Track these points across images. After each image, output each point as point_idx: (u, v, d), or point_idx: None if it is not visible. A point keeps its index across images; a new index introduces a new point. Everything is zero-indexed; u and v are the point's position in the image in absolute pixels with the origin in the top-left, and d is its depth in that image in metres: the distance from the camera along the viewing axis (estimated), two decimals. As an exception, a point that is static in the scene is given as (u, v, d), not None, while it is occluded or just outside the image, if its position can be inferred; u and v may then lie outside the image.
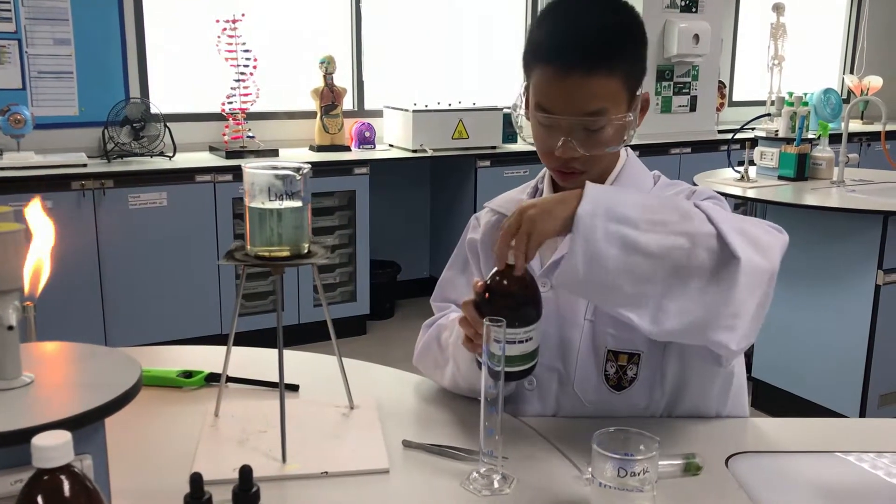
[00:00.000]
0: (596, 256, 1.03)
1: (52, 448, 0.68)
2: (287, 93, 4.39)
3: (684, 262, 1.04)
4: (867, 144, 5.40)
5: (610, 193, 1.08)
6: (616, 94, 1.18)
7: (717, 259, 1.05)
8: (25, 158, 3.49)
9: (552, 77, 1.18)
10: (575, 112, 1.17)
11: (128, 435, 1.17)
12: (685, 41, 4.90)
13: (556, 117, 1.19)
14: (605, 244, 1.03)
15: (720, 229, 1.05)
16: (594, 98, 1.16)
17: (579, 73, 1.15)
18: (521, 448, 1.16)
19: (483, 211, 1.45)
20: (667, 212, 1.06)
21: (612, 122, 1.19)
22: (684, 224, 1.05)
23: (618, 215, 1.04)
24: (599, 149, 1.20)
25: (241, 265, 1.12)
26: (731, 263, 1.04)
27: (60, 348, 0.97)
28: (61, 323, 3.38)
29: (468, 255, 1.42)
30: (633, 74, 1.21)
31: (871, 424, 1.40)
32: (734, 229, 1.06)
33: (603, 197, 1.05)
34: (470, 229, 1.44)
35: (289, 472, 1.09)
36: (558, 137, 1.20)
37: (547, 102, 1.19)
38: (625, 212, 1.04)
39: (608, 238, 1.03)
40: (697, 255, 1.04)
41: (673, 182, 1.34)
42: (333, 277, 4.20)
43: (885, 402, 2.99)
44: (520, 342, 1.10)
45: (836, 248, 2.98)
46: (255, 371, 1.41)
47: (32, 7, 3.70)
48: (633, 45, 1.21)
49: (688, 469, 1.10)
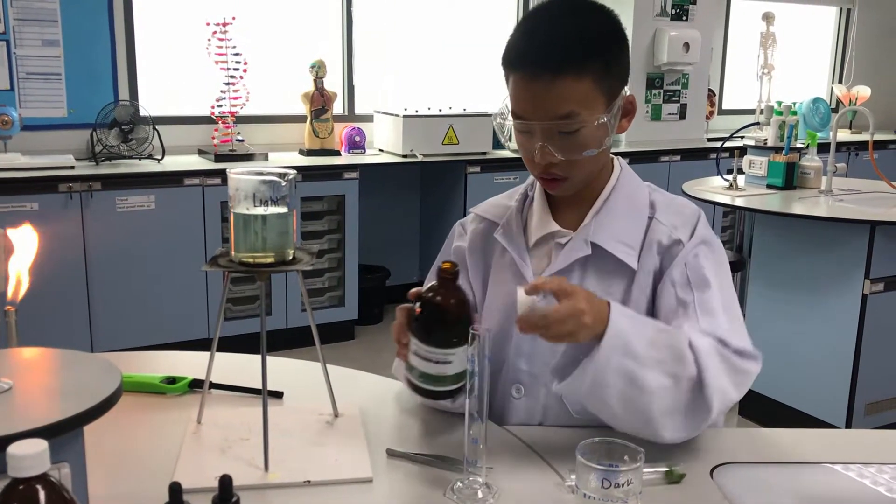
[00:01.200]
0: (602, 383, 1.08)
1: (28, 457, 0.67)
2: (277, 97, 4.37)
3: (668, 402, 1.10)
4: (855, 154, 5.43)
5: (629, 327, 1.10)
6: (587, 96, 1.18)
7: (692, 401, 1.11)
8: (12, 160, 3.47)
9: (521, 82, 1.19)
10: (545, 116, 1.18)
11: (108, 442, 1.16)
12: (675, 49, 4.92)
13: (530, 122, 1.19)
14: (613, 376, 1.08)
15: (703, 377, 1.10)
16: (563, 101, 1.17)
17: (546, 76, 1.16)
18: (505, 457, 1.16)
19: (468, 217, 1.43)
20: (664, 350, 1.11)
21: (586, 125, 1.18)
22: (675, 366, 1.10)
23: (630, 351, 1.08)
24: (577, 153, 1.20)
25: (225, 271, 1.12)
26: (703, 409, 1.12)
27: (40, 354, 0.96)
28: (46, 326, 3.36)
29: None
30: (608, 76, 1.20)
31: (858, 435, 1.41)
32: (716, 369, 1.12)
33: (623, 332, 1.08)
34: (455, 236, 1.43)
35: (271, 480, 1.09)
36: (535, 143, 1.20)
37: (519, 108, 1.20)
38: (636, 349, 1.09)
39: (618, 371, 1.08)
40: (678, 398, 1.11)
41: (669, 201, 1.31)
42: (322, 282, 4.19)
43: (871, 410, 3.00)
44: (436, 362, 1.09)
45: (824, 257, 2.99)
46: (240, 377, 1.40)
47: (21, 7, 3.68)
48: (606, 47, 1.20)
49: (670, 476, 1.10)
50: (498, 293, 1.33)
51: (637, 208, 1.29)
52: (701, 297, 1.21)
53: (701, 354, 1.11)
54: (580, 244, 1.26)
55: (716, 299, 1.21)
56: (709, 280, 1.22)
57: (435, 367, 1.09)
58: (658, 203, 1.30)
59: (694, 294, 1.21)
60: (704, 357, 1.11)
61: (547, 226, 1.30)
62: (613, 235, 1.26)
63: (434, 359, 1.09)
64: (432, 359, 1.09)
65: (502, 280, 1.32)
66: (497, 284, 1.33)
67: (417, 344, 1.10)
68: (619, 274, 1.26)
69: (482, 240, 1.38)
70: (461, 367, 1.10)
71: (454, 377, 1.11)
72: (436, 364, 1.09)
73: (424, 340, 1.09)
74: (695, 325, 1.18)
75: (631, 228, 1.27)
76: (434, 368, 1.09)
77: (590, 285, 1.25)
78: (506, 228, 1.34)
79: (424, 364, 1.10)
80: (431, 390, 1.12)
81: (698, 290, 1.22)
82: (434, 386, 1.11)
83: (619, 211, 1.28)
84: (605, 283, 1.26)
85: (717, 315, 1.20)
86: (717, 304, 1.21)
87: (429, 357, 1.09)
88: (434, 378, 1.10)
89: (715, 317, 1.19)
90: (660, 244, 1.26)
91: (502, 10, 5.06)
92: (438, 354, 1.08)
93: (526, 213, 1.35)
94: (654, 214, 1.28)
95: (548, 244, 1.31)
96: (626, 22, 4.65)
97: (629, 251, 1.25)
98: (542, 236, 1.31)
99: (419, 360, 1.10)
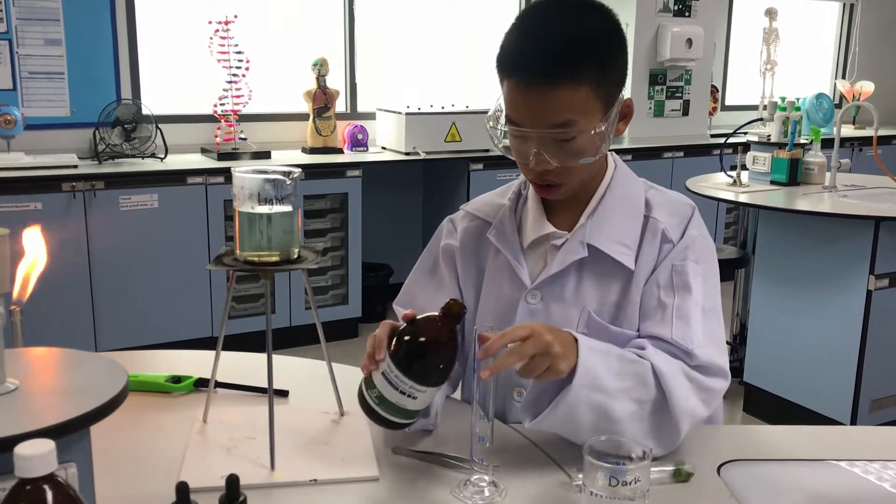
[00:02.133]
0: (574, 419, 1.09)
1: (35, 457, 0.67)
2: (280, 95, 4.37)
3: (636, 427, 1.10)
4: (859, 149, 5.41)
5: (598, 361, 1.09)
6: (585, 104, 1.14)
7: (660, 424, 1.12)
8: (16, 159, 3.47)
9: (516, 89, 1.15)
10: (541, 125, 1.14)
11: (115, 442, 1.16)
12: (678, 45, 4.91)
13: (524, 130, 1.16)
14: (584, 410, 1.08)
15: (670, 401, 1.11)
16: (560, 110, 1.13)
17: (542, 85, 1.12)
18: (512, 456, 1.15)
19: (459, 214, 1.39)
20: (630, 378, 1.11)
21: (582, 133, 1.15)
22: (640, 392, 1.11)
23: (599, 385, 1.08)
24: (573, 161, 1.17)
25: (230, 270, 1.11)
26: (672, 431, 1.13)
27: (46, 354, 0.96)
28: (51, 325, 3.36)
29: (440, 260, 1.38)
30: (606, 82, 1.16)
31: (863, 432, 1.40)
32: (683, 391, 1.12)
33: (592, 368, 1.08)
34: (444, 233, 1.39)
35: (277, 479, 1.08)
36: (530, 150, 1.17)
37: (514, 115, 1.17)
38: (605, 382, 1.09)
39: (589, 405, 1.08)
40: (645, 421, 1.11)
41: (664, 198, 1.29)
42: (325, 280, 4.19)
43: (876, 406, 2.99)
44: (401, 392, 1.06)
45: (828, 253, 2.98)
46: (246, 376, 1.40)
47: (24, 7, 3.68)
48: (605, 52, 1.16)
49: (678, 475, 1.10)
50: (493, 295, 1.31)
51: (633, 207, 1.27)
52: (680, 303, 1.20)
53: (665, 378, 1.11)
54: (576, 246, 1.24)
55: (695, 307, 1.20)
56: (691, 286, 1.21)
57: (398, 396, 1.06)
58: (653, 200, 1.28)
59: (675, 298, 1.20)
60: (669, 380, 1.11)
61: (542, 227, 1.28)
62: (609, 236, 1.24)
63: (402, 389, 1.06)
64: (400, 388, 1.06)
65: (497, 282, 1.30)
66: (492, 286, 1.31)
67: (392, 367, 1.06)
68: (617, 275, 1.24)
69: (474, 239, 1.35)
70: (422, 406, 1.09)
71: (410, 413, 1.08)
72: (400, 394, 1.06)
73: (402, 368, 1.05)
74: (668, 331, 1.18)
75: (627, 228, 1.25)
76: (396, 397, 1.06)
77: (586, 288, 1.24)
78: (499, 229, 1.31)
79: (389, 389, 1.06)
80: (381, 415, 1.08)
81: (679, 295, 1.20)
82: (386, 413, 1.08)
83: (615, 210, 1.26)
84: (603, 285, 1.24)
85: (692, 324, 1.18)
86: (696, 313, 1.19)
87: (398, 385, 1.06)
88: (391, 406, 1.07)
89: (689, 325, 1.18)
90: (656, 243, 1.24)
91: (504, 6, 5.05)
92: (408, 387, 1.05)
93: (520, 212, 1.32)
94: (650, 213, 1.26)
95: (543, 246, 1.28)
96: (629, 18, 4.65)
97: (626, 251, 1.23)
98: (536, 237, 1.28)
99: (385, 383, 1.06)
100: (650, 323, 1.21)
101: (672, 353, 1.16)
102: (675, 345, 1.16)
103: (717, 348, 1.20)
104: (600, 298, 1.24)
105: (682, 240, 1.24)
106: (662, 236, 1.24)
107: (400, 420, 1.09)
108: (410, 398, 1.06)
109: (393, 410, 1.08)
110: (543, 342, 1.04)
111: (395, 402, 1.07)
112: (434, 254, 1.40)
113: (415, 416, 1.10)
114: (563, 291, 1.25)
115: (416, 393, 1.06)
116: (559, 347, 1.05)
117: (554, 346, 1.04)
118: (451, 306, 1.07)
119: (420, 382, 1.06)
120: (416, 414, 1.09)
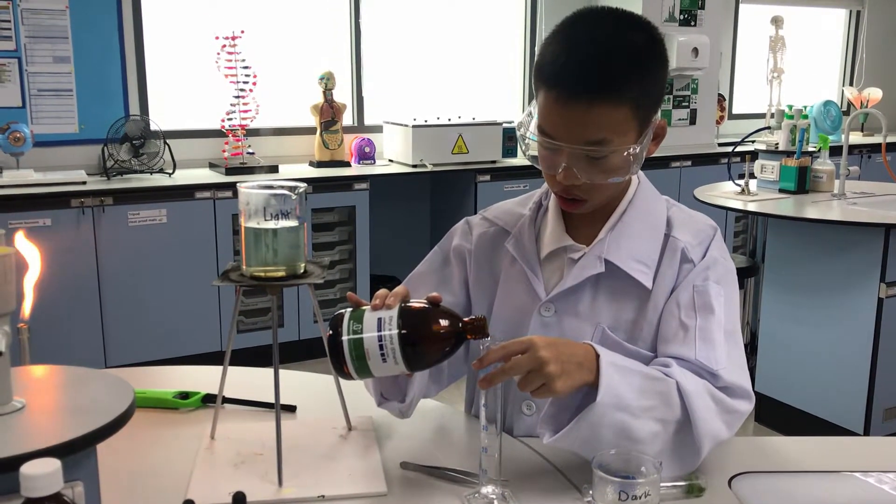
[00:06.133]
0: (595, 438, 1.05)
1: (41, 477, 0.67)
2: (287, 109, 4.39)
3: (658, 447, 1.08)
4: (868, 156, 5.39)
5: (622, 379, 1.06)
6: (622, 123, 1.12)
7: (682, 444, 1.10)
8: (25, 176, 3.49)
9: (554, 103, 1.12)
10: (576, 141, 1.12)
11: (122, 459, 1.15)
12: (684, 55, 4.90)
13: (557, 143, 1.14)
14: (606, 430, 1.05)
15: (693, 422, 1.08)
16: (598, 128, 1.11)
17: (582, 101, 1.10)
18: (521, 469, 1.15)
19: (476, 218, 1.38)
20: (654, 397, 1.08)
21: (615, 152, 1.13)
22: (664, 411, 1.08)
23: (623, 404, 1.05)
24: (602, 178, 1.15)
25: (236, 286, 1.11)
26: (693, 452, 1.10)
27: (52, 372, 0.96)
28: (60, 341, 3.37)
29: (451, 258, 1.36)
30: (646, 102, 1.14)
31: (877, 442, 1.39)
32: (707, 412, 1.09)
33: (615, 387, 1.05)
34: (458, 233, 1.38)
35: (285, 495, 1.08)
36: (560, 163, 1.15)
37: (548, 127, 1.14)
38: (628, 401, 1.06)
39: (611, 426, 1.05)
40: (668, 441, 1.09)
41: (686, 218, 1.27)
42: (334, 293, 4.19)
43: (889, 416, 2.96)
44: (381, 355, 1.00)
45: (838, 261, 2.96)
46: (254, 391, 1.40)
47: (32, 25, 3.71)
48: (648, 70, 1.13)
49: (690, 491, 1.09)
50: (507, 305, 1.29)
51: (654, 225, 1.25)
52: (703, 324, 1.17)
53: (690, 398, 1.08)
54: (593, 261, 1.22)
55: (718, 329, 1.17)
56: (714, 307, 1.18)
57: (375, 348, 1.00)
58: (675, 219, 1.26)
59: (697, 319, 1.18)
60: (694, 400, 1.08)
61: (560, 239, 1.26)
62: (628, 253, 1.22)
63: (384, 351, 0.99)
64: (382, 344, 1.00)
65: (512, 292, 1.29)
66: (506, 296, 1.30)
67: (392, 332, 1.00)
68: (633, 293, 1.22)
69: (490, 246, 1.33)
70: (380, 374, 1.03)
71: (366, 370, 1.01)
72: (379, 348, 1.00)
73: (402, 339, 1.00)
74: (691, 352, 1.15)
75: (647, 246, 1.23)
76: (375, 354, 1.00)
77: (601, 304, 1.23)
78: (517, 238, 1.29)
79: (373, 342, 0.99)
80: (342, 353, 1.00)
81: (702, 316, 1.18)
82: (351, 357, 1.00)
83: (635, 227, 1.24)
84: (617, 303, 1.22)
85: (717, 346, 1.16)
86: (719, 335, 1.17)
87: (384, 345, 0.99)
88: (359, 357, 1.00)
89: (714, 347, 1.16)
90: (675, 262, 1.22)
91: (510, 19, 5.06)
92: (390, 350, 0.99)
93: (539, 223, 1.31)
94: (671, 231, 1.24)
95: (560, 258, 1.26)
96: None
97: (644, 270, 1.21)
98: (554, 249, 1.27)
99: (372, 336, 1.00)
100: (672, 344, 1.17)
101: (697, 373, 1.14)
102: (700, 366, 1.14)
103: (741, 371, 1.18)
104: (615, 315, 1.23)
105: (703, 260, 1.22)
106: (682, 256, 1.22)
107: (353, 369, 1.01)
108: (382, 358, 1.00)
109: (360, 363, 1.01)
110: (537, 358, 1.01)
111: (366, 350, 1.00)
112: (445, 251, 1.38)
113: (364, 376, 1.03)
114: (578, 306, 1.23)
115: (392, 360, 1.00)
116: (556, 366, 1.01)
117: (549, 365, 1.01)
118: (482, 324, 1.03)
119: (403, 356, 1.01)
120: (367, 374, 1.02)
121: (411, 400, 1.20)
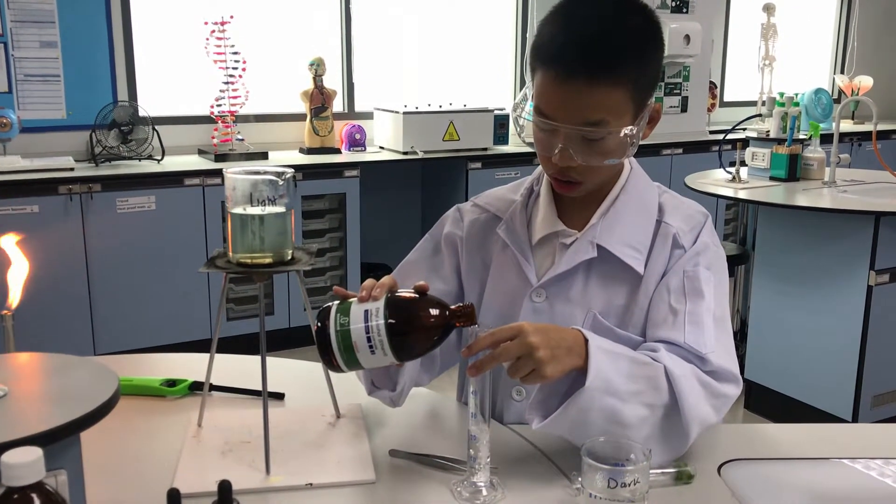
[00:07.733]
0: (584, 422, 1.05)
1: (23, 465, 0.66)
2: (276, 95, 4.36)
3: (646, 432, 1.08)
4: (858, 144, 5.40)
5: (611, 364, 1.06)
6: (620, 104, 1.12)
7: (670, 429, 1.09)
8: (12, 163, 3.46)
9: (552, 82, 1.12)
10: (573, 121, 1.12)
11: (107, 447, 1.14)
12: (676, 42, 4.89)
13: (554, 124, 1.13)
14: (595, 415, 1.05)
15: (681, 406, 1.08)
16: (595, 108, 1.11)
17: (581, 80, 1.10)
18: (509, 457, 1.14)
19: (467, 205, 1.38)
20: (642, 381, 1.08)
21: (612, 134, 1.13)
22: (652, 396, 1.08)
23: (611, 389, 1.05)
24: (598, 160, 1.15)
25: (223, 273, 1.10)
26: (681, 436, 1.09)
27: (36, 359, 0.95)
28: (48, 329, 3.35)
29: (442, 246, 1.36)
30: (643, 84, 1.14)
31: (864, 429, 1.39)
32: (695, 396, 1.09)
33: (604, 371, 1.05)
34: (449, 221, 1.38)
35: (272, 484, 1.07)
36: (556, 144, 1.14)
37: (545, 107, 1.14)
38: (617, 385, 1.05)
39: (600, 410, 1.04)
40: (656, 426, 1.09)
41: (678, 204, 1.28)
42: (324, 281, 4.18)
43: (878, 402, 2.98)
44: (369, 346, 0.99)
45: (828, 248, 2.97)
46: (242, 379, 1.39)
47: (18, 9, 3.66)
48: (645, 52, 1.14)
49: (679, 478, 1.08)
50: (498, 291, 1.29)
51: (646, 210, 1.25)
52: (692, 308, 1.17)
53: (678, 382, 1.08)
54: (585, 246, 1.22)
55: (707, 313, 1.18)
56: (703, 292, 1.19)
57: (363, 340, 0.99)
58: (667, 205, 1.26)
59: (686, 304, 1.18)
60: (682, 384, 1.08)
61: (552, 224, 1.26)
62: (620, 238, 1.22)
63: (373, 343, 0.99)
64: (373, 342, 0.98)
65: (503, 278, 1.29)
66: (498, 282, 1.30)
67: (379, 322, 0.99)
68: (625, 278, 1.22)
69: (481, 233, 1.33)
70: (368, 366, 1.02)
71: (354, 362, 1.00)
72: (367, 340, 0.99)
73: (389, 329, 0.99)
74: (680, 335, 1.15)
75: (638, 231, 1.23)
76: (363, 345, 0.98)
77: (593, 289, 1.23)
78: (509, 224, 1.29)
79: (361, 334, 0.98)
80: (332, 348, 1.00)
81: (691, 300, 1.18)
82: (340, 350, 0.99)
83: (628, 213, 1.24)
84: (609, 288, 1.22)
85: (706, 330, 1.16)
86: (708, 319, 1.17)
87: (372, 336, 0.98)
88: (348, 350, 0.99)
89: (703, 331, 1.16)
90: (667, 247, 1.22)
91: (501, 6, 5.03)
92: (378, 340, 0.99)
93: (531, 208, 1.31)
94: (663, 217, 1.24)
95: (552, 243, 1.26)
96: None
97: (636, 255, 1.21)
98: (545, 235, 1.27)
99: (359, 328, 0.99)
100: (662, 328, 1.18)
101: (685, 357, 1.14)
102: (689, 349, 1.14)
103: (729, 356, 1.18)
104: (607, 300, 1.23)
105: (694, 246, 1.22)
106: (674, 241, 1.22)
107: (342, 362, 1.00)
108: (370, 349, 0.99)
109: (348, 353, 1.00)
110: (526, 344, 1.01)
111: (353, 342, 0.99)
112: (436, 239, 1.38)
113: (353, 368, 1.02)
114: (569, 291, 1.23)
115: (381, 351, 0.99)
116: (545, 352, 1.01)
117: (538, 350, 1.01)
118: (470, 312, 1.02)
119: (391, 347, 1.00)
120: (357, 366, 1.02)
121: (402, 389, 1.20)
